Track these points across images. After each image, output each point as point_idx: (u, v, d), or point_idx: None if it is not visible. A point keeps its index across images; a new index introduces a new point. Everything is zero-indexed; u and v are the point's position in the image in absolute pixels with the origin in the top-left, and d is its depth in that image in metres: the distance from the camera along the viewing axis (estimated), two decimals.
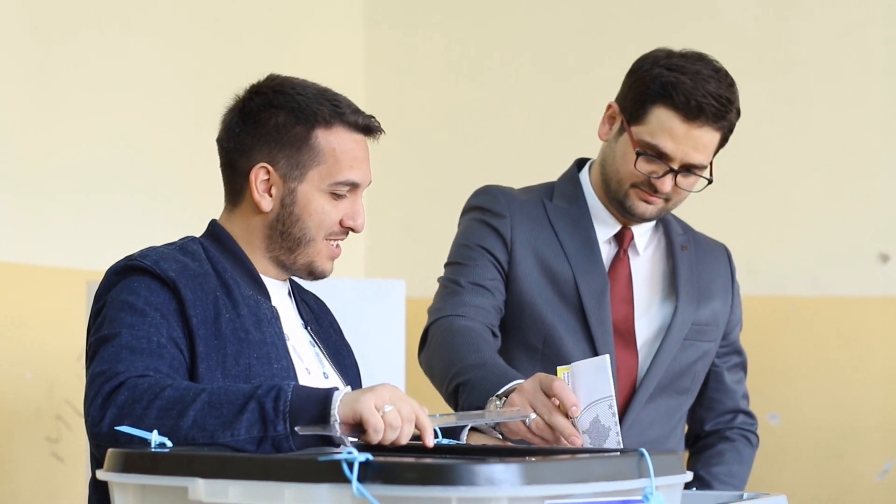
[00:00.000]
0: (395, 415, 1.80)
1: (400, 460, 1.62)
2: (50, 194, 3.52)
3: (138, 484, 1.69)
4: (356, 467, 1.54)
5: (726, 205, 3.85)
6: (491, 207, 2.66)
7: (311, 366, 2.20)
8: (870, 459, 3.85)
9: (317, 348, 2.26)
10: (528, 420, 2.06)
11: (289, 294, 2.28)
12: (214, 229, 2.23)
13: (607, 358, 2.05)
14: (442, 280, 2.64)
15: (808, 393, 3.91)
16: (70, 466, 3.50)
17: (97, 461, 1.89)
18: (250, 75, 2.25)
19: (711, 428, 2.79)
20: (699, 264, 2.72)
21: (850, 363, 3.89)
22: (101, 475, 1.74)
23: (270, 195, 2.17)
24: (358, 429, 1.81)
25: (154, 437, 1.79)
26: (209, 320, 2.07)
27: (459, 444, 2.07)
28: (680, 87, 2.50)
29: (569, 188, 2.70)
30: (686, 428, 2.81)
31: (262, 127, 2.17)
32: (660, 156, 2.53)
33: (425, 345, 2.55)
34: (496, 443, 2.20)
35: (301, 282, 2.33)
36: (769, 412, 3.88)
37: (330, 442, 1.84)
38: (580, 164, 2.74)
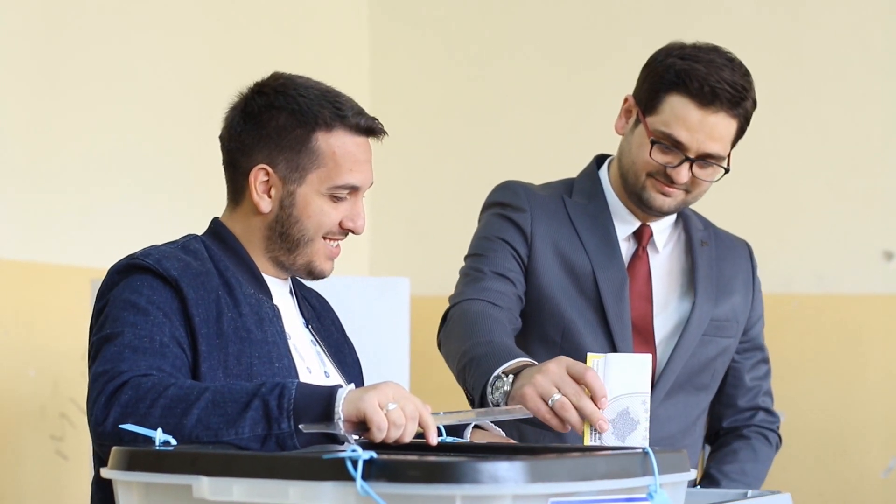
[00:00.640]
0: (399, 413, 1.80)
1: (404, 458, 1.62)
2: (54, 192, 3.52)
3: (142, 482, 1.70)
4: (360, 465, 1.54)
5: (731, 202, 3.84)
6: (511, 202, 2.66)
7: (313, 365, 2.20)
8: (874, 456, 3.84)
9: (318, 347, 2.26)
10: (552, 401, 2.04)
11: (290, 292, 2.28)
12: (216, 227, 2.23)
13: (650, 357, 2.06)
14: (463, 270, 2.63)
15: (813, 390, 3.91)
16: (74, 464, 3.50)
17: (100, 460, 1.89)
18: (255, 71, 2.25)
19: (729, 425, 2.77)
20: (719, 260, 2.71)
21: (855, 360, 3.89)
22: (106, 473, 1.74)
23: (270, 196, 2.17)
24: (361, 427, 1.80)
25: (158, 436, 1.79)
26: (211, 319, 2.07)
27: (463, 442, 2.06)
28: (694, 74, 2.48)
29: (588, 185, 2.69)
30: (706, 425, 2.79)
31: (263, 128, 2.16)
32: (675, 145, 2.51)
33: (443, 328, 2.54)
34: (500, 440, 2.20)
35: (303, 280, 2.33)
36: None
37: (334, 439, 1.84)
38: (599, 161, 2.73)
